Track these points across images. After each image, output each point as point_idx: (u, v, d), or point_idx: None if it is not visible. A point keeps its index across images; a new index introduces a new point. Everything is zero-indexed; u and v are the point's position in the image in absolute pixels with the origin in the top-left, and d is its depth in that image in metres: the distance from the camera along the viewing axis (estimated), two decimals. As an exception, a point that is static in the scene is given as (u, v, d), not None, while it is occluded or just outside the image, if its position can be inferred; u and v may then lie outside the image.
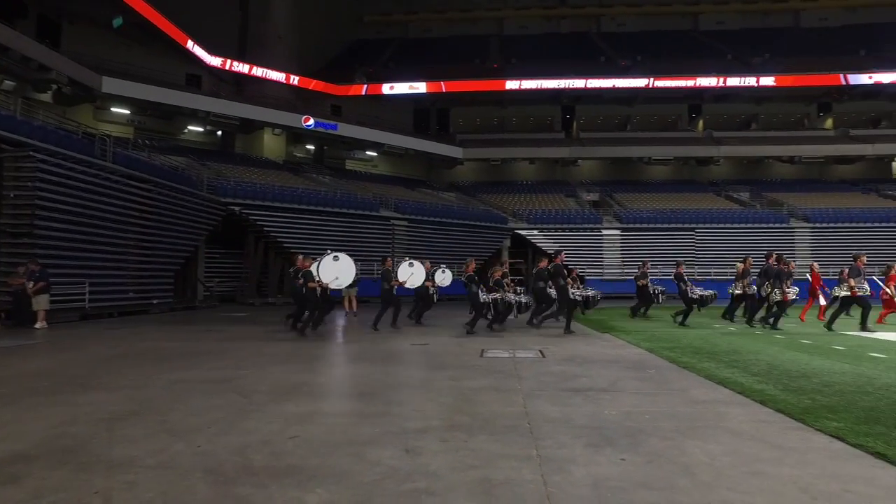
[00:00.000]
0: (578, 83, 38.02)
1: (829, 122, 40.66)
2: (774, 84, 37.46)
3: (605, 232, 31.24)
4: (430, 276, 13.23)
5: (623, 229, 31.20)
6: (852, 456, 3.38)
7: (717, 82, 37.62)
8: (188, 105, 29.22)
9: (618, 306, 20.03)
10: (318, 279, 10.67)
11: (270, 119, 32.15)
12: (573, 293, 11.54)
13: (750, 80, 37.54)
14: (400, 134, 36.97)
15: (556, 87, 38.26)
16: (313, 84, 37.08)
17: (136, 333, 11.00)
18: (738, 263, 12.90)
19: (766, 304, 11.74)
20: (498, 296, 11.48)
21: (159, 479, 2.96)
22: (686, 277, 12.75)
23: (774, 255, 11.78)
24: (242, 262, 24.76)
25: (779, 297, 11.07)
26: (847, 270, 12.50)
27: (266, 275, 24.25)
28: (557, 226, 31.26)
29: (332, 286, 11.09)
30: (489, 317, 11.60)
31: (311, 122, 33.08)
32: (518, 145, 39.21)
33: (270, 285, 23.85)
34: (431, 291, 13.26)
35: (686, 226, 30.90)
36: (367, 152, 37.63)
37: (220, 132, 33.22)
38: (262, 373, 6.39)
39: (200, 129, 32.04)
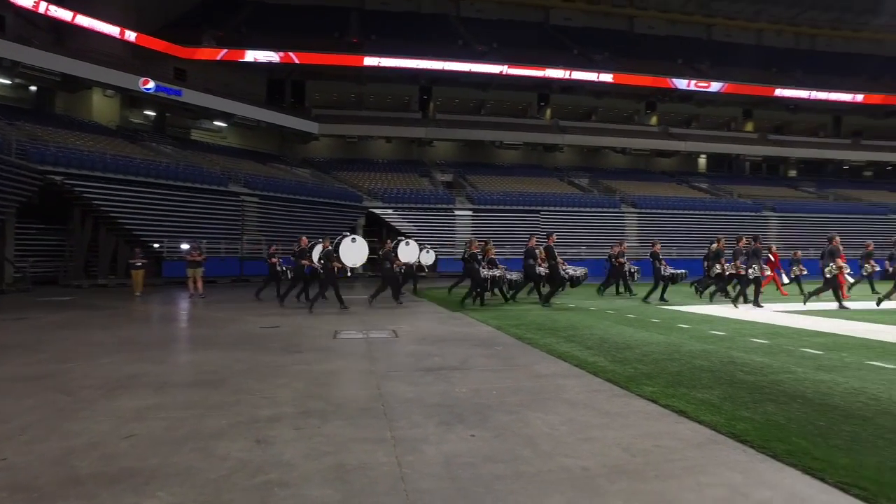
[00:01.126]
0: (437, 65, 38.54)
1: (654, 120, 45.60)
2: (612, 81, 41.02)
3: (457, 212, 32.30)
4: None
5: (475, 210, 32.48)
6: (662, 415, 3.90)
7: (564, 74, 40.33)
8: (-17, 50, 24.69)
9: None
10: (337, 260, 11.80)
11: (100, 78, 28.40)
12: (563, 271, 12.85)
13: (591, 76, 40.75)
14: (252, 105, 34.71)
15: (415, 67, 38.42)
16: (154, 43, 33.23)
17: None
18: (712, 244, 13.50)
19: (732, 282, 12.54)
20: (498, 272, 12.65)
21: (-51, 505, 2.54)
22: (661, 256, 13.57)
23: (745, 238, 12.39)
24: (66, 239, 21.89)
25: (757, 274, 11.74)
26: (798, 252, 14.71)
27: (95, 253, 21.67)
28: (412, 205, 31.70)
29: (349, 265, 12.36)
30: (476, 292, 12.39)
31: (151, 85, 29.86)
32: (375, 123, 38.95)
33: (101, 265, 21.38)
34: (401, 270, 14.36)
35: (533, 208, 32.97)
36: (216, 122, 34.93)
37: (34, 88, 28.75)
38: (90, 365, 5.76)
39: (7, 82, 27.46)
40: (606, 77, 40.77)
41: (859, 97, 44.38)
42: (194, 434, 3.49)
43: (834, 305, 11.41)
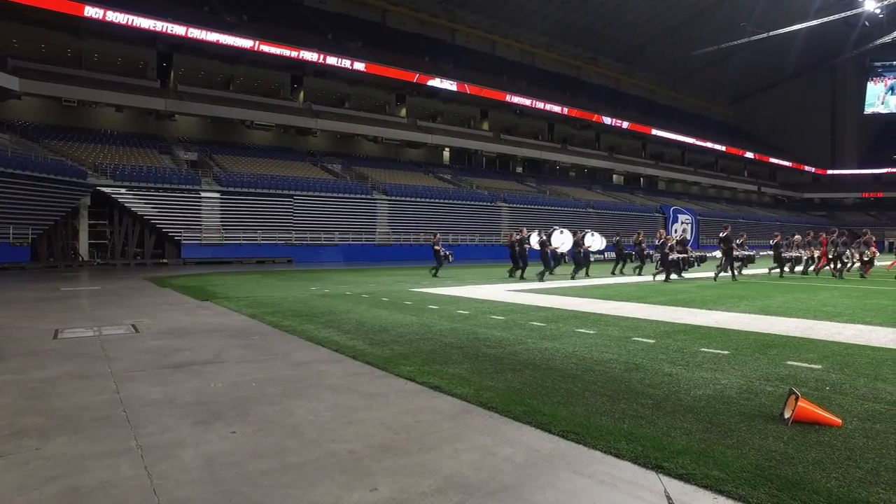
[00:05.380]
0: (179, 30, 34.32)
1: (403, 112, 47.95)
2: (365, 70, 41.71)
3: (203, 194, 29.66)
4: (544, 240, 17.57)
5: (223, 192, 30.21)
6: (420, 392, 4.19)
7: (318, 58, 39.60)
8: None
9: (248, 270, 19.56)
10: (551, 245, 17.10)
11: None
12: (678, 256, 16.83)
13: (346, 63, 40.86)
14: None
15: (152, 28, 33.53)
16: None
17: None
18: (796, 235, 19.21)
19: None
20: (679, 255, 16.48)
21: None
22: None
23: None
24: None
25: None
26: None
27: None
28: (150, 185, 28.08)
29: (560, 250, 17.92)
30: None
31: None
32: (102, 87, 33.07)
33: None
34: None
35: (285, 192, 31.99)
36: None
37: None
38: None
39: None
40: (360, 66, 41.32)
41: (565, 110, 53.17)
42: None
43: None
